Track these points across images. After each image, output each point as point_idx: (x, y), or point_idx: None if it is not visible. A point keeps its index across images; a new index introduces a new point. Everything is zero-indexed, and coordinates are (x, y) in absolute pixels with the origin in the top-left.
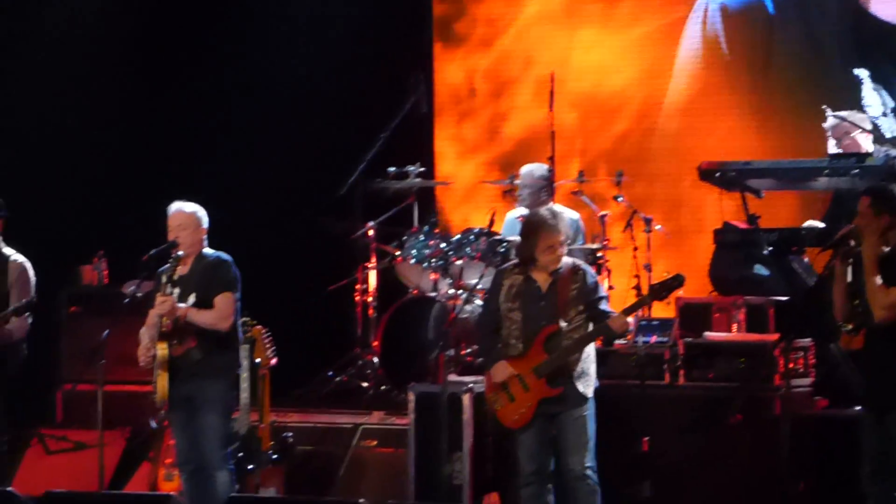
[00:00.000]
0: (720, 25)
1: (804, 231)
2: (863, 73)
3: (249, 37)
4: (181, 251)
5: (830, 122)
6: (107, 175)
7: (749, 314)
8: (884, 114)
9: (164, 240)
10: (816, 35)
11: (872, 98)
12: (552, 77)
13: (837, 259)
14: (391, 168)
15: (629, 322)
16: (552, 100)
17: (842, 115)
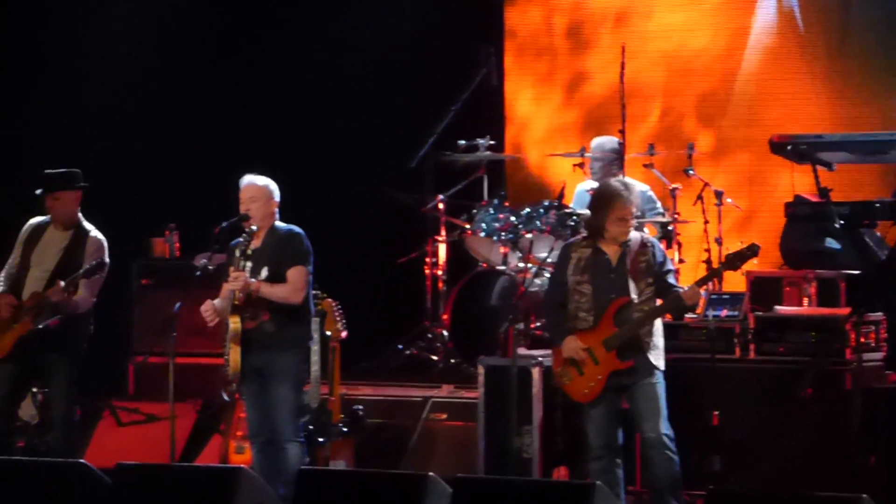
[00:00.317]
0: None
1: (876, 204)
2: None
3: (319, 8)
4: (254, 225)
5: None
6: (179, 148)
7: (820, 288)
8: None
9: (235, 212)
10: (893, 8)
11: None
12: (623, 49)
13: None
14: (461, 141)
15: (701, 294)
16: (623, 72)
17: None
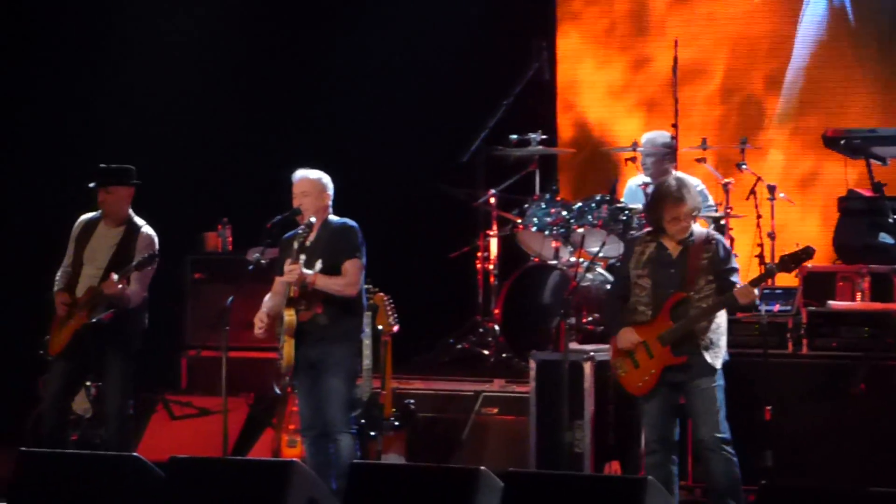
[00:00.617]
0: None
1: None
2: None
3: (372, 3)
4: (312, 218)
5: None
6: (232, 143)
7: (873, 282)
8: None
9: (288, 207)
10: None
11: None
12: (675, 44)
13: None
14: (513, 135)
15: (755, 294)
16: (675, 66)
17: None
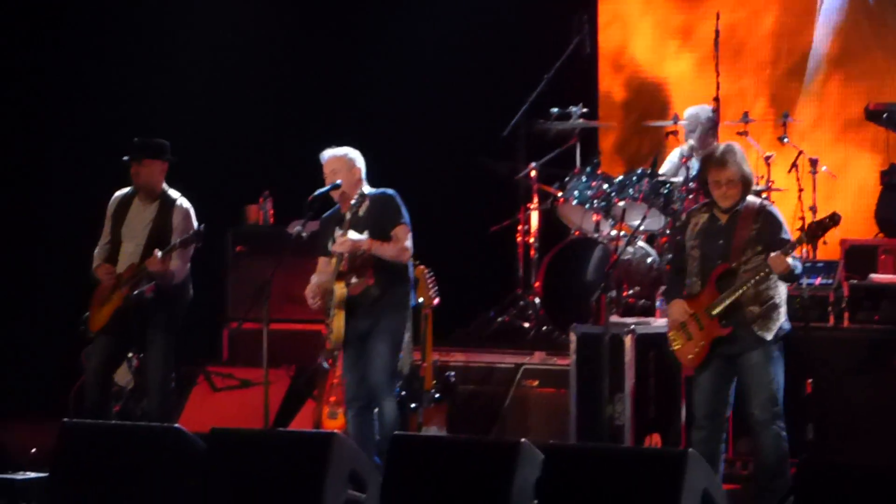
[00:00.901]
0: None
1: None
2: None
3: None
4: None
5: None
6: (274, 116)
7: None
8: None
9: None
10: None
11: None
12: (717, 17)
13: None
14: (554, 109)
15: (788, 263)
16: (717, 39)
17: None
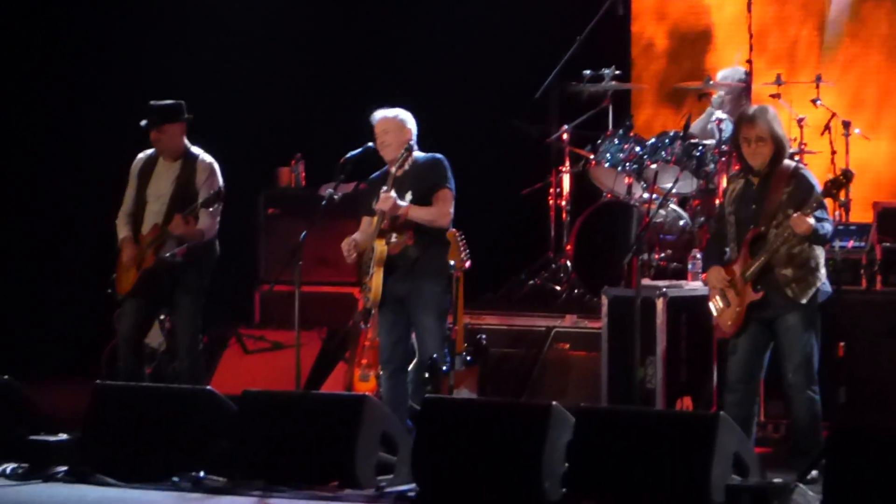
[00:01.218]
0: None
1: None
2: None
3: None
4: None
5: None
6: (306, 78)
7: None
8: None
9: (361, 143)
10: None
11: None
12: None
13: None
14: (586, 71)
15: (810, 222)
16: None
17: None
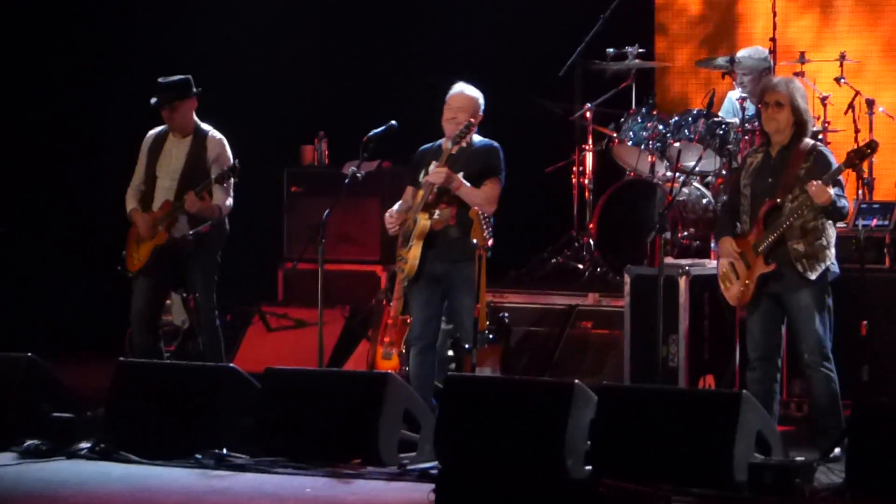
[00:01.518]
0: None
1: None
2: None
3: None
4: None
5: None
6: (329, 56)
7: None
8: None
9: (384, 121)
10: None
11: None
12: None
13: None
14: (610, 49)
15: (830, 192)
16: None
17: None
